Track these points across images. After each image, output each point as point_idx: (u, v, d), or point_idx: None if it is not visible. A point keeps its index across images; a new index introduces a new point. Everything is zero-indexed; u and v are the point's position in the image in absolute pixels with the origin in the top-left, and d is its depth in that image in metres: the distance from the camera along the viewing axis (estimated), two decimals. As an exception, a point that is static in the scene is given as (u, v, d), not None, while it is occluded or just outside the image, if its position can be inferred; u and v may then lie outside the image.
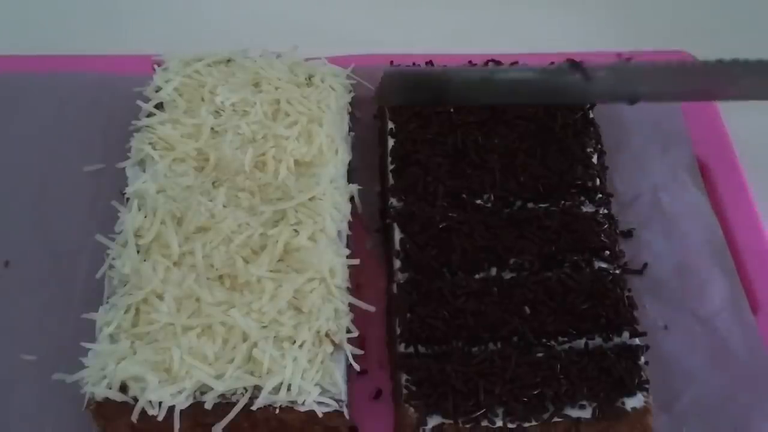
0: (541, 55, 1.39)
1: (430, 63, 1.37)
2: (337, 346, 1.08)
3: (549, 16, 1.63)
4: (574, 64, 1.16)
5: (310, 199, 1.17)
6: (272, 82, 1.30)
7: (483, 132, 1.28)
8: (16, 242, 1.26)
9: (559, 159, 1.26)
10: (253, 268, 1.10)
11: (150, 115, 1.27)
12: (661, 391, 1.13)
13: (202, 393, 1.03)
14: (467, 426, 1.04)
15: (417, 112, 1.30)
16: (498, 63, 1.36)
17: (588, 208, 1.23)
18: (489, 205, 1.22)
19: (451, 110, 1.30)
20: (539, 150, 1.27)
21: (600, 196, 1.24)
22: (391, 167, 1.26)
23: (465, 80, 1.19)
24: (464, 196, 1.23)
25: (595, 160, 1.28)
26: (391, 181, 1.25)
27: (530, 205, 1.22)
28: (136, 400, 1.02)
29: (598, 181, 1.25)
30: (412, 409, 1.05)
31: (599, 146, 1.32)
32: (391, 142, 1.29)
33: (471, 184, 1.23)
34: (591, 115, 1.32)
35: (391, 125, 1.30)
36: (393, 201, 1.23)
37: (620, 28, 1.61)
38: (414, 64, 1.37)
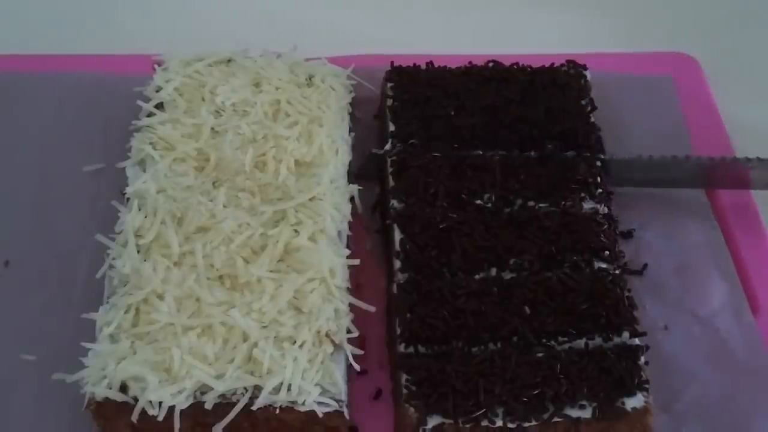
0: (541, 55, 1.39)
1: (430, 63, 1.37)
2: (337, 346, 1.08)
3: (549, 16, 1.63)
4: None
5: (310, 200, 1.17)
6: (272, 82, 1.29)
7: (483, 135, 1.28)
8: (16, 242, 1.26)
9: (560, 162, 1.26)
10: (253, 268, 1.10)
11: (150, 115, 1.27)
12: (661, 391, 1.13)
13: (202, 393, 1.03)
14: (467, 426, 1.04)
15: (417, 114, 1.31)
16: (498, 63, 1.36)
17: (588, 205, 1.23)
18: (489, 205, 1.22)
19: (452, 113, 1.31)
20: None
21: (600, 191, 1.24)
22: (390, 168, 1.26)
23: None
24: (464, 196, 1.23)
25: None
26: (391, 182, 1.25)
27: (530, 204, 1.22)
28: (136, 400, 1.02)
29: (599, 179, 1.25)
30: (412, 409, 1.05)
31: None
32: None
33: (471, 185, 1.23)
34: (591, 119, 1.32)
35: (391, 127, 1.30)
36: (393, 202, 1.23)
37: (620, 28, 1.61)
38: (414, 64, 1.37)
